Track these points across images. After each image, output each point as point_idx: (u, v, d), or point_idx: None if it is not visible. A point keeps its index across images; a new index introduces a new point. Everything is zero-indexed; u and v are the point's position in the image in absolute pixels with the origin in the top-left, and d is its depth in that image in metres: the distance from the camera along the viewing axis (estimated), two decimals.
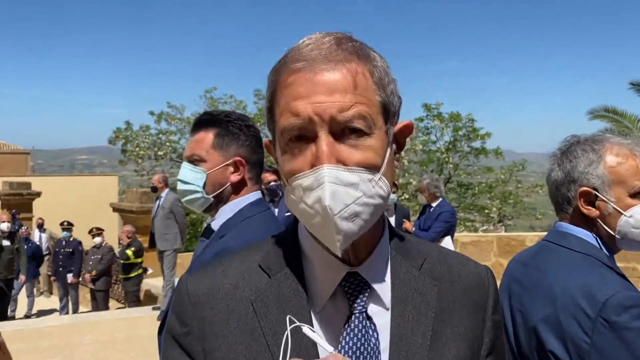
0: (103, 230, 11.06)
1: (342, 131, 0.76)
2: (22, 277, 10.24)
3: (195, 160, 1.73)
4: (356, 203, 0.76)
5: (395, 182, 7.69)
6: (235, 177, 1.73)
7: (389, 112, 0.82)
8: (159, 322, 1.82)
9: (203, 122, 1.77)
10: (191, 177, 1.73)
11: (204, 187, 1.72)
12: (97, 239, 10.79)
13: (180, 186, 1.76)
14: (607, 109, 15.02)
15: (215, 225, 1.74)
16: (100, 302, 10.32)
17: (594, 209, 1.45)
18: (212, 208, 1.77)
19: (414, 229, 6.55)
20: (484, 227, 20.78)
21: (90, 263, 10.51)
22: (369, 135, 0.77)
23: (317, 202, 0.75)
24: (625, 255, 8.05)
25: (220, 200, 1.75)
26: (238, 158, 1.72)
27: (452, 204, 13.28)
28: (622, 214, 1.42)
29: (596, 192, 1.43)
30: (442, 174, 19.95)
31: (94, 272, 10.26)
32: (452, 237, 6.42)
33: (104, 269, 10.33)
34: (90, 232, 11.01)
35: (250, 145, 1.75)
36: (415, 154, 20.32)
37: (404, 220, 6.96)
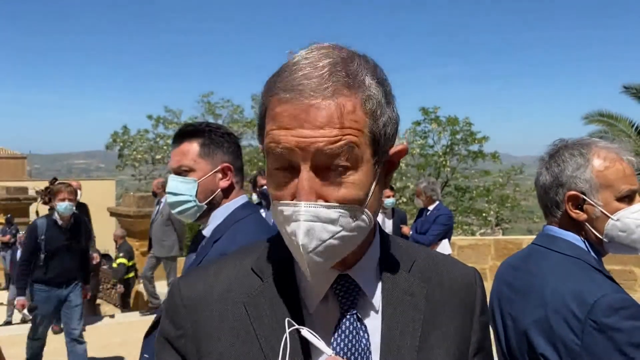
0: None
1: (326, 166, 0.75)
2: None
3: (183, 171, 1.78)
4: (334, 238, 0.75)
5: (392, 185, 7.71)
6: (224, 183, 1.80)
7: (379, 144, 0.79)
8: (151, 323, 1.83)
9: (186, 133, 1.82)
10: (182, 188, 1.77)
11: (196, 195, 1.77)
12: None
13: (170, 198, 1.79)
14: (602, 113, 15.09)
15: (207, 231, 1.80)
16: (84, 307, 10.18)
17: (582, 213, 1.46)
18: (204, 215, 1.83)
19: (411, 232, 6.56)
20: (482, 231, 20.82)
21: None
22: (354, 170, 0.76)
23: (293, 235, 0.75)
24: (622, 258, 8.06)
25: (212, 206, 1.81)
26: (225, 164, 1.80)
27: (450, 208, 13.29)
28: (609, 217, 1.43)
29: (584, 196, 1.45)
30: (439, 178, 19.98)
31: None
32: (449, 240, 6.44)
33: None
34: None
35: (233, 151, 1.83)
36: (413, 157, 20.36)
37: (402, 225, 6.98)
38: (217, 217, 1.79)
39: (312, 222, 0.74)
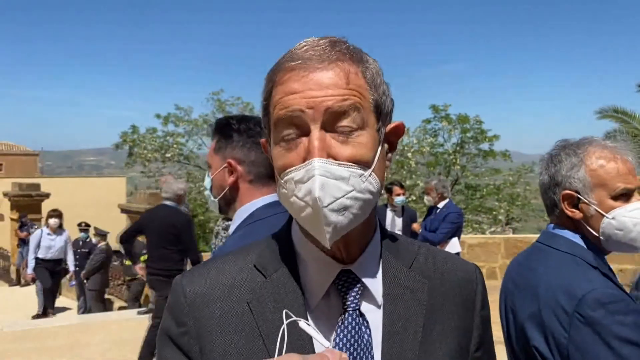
0: (89, 226, 11.20)
1: (334, 127, 0.79)
2: None
3: (208, 167, 1.84)
4: (346, 197, 0.77)
5: (402, 183, 7.71)
6: (231, 180, 1.74)
7: (381, 112, 0.84)
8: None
9: (213, 129, 1.84)
10: (206, 181, 1.85)
11: (211, 190, 1.82)
12: (82, 234, 10.89)
13: (206, 191, 1.89)
14: (616, 109, 14.94)
15: (230, 230, 1.78)
16: (91, 302, 10.17)
17: (577, 212, 1.49)
18: (224, 211, 1.84)
19: (421, 230, 6.55)
20: (492, 229, 20.65)
21: (77, 257, 10.51)
22: (360, 130, 0.80)
23: (307, 195, 0.77)
24: (634, 258, 7.99)
25: (226, 202, 1.79)
26: (230, 160, 1.73)
27: (460, 206, 13.24)
28: (604, 215, 1.45)
29: (578, 195, 1.48)
30: (449, 176, 19.90)
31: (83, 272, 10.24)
32: (459, 238, 6.42)
33: (91, 269, 10.18)
34: (78, 225, 11.07)
35: (245, 144, 1.74)
36: (423, 155, 20.28)
37: (412, 223, 6.97)
38: (238, 216, 1.74)
39: (325, 177, 0.76)
